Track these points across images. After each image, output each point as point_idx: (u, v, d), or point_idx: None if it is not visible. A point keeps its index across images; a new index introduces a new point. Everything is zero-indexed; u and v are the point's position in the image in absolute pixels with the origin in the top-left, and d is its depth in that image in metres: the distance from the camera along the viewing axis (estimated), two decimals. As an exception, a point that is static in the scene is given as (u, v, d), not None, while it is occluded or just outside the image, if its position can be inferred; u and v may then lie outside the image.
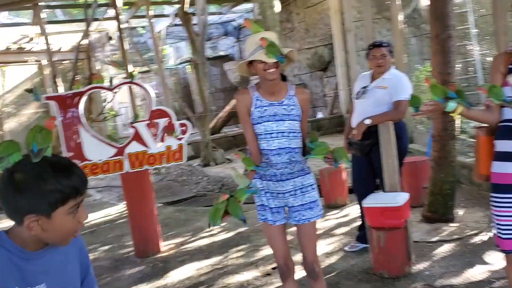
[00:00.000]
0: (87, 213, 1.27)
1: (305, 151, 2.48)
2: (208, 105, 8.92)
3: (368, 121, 3.50)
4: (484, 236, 3.79)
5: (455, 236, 3.85)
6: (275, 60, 2.27)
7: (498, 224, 2.33)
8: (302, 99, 2.47)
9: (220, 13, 12.59)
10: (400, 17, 6.78)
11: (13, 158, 1.20)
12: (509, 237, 2.30)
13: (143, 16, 9.91)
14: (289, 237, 2.78)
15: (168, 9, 12.03)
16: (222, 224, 2.34)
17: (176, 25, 12.74)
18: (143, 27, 14.03)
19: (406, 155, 3.85)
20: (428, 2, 4.32)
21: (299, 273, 3.03)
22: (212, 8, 12.30)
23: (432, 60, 4.15)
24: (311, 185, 2.53)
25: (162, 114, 4.41)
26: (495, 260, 3.35)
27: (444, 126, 4.06)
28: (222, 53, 15.41)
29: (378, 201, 3.40)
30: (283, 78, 2.47)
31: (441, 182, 4.14)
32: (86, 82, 7.03)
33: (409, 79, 3.78)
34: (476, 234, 3.84)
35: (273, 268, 3.87)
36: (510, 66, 2.32)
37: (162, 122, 4.39)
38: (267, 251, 4.29)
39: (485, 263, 3.37)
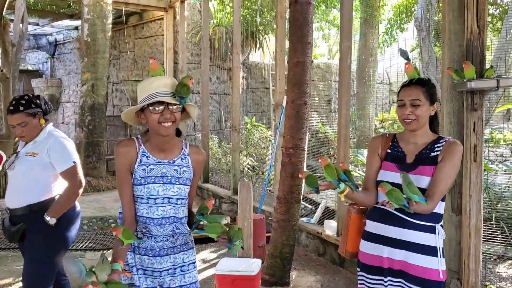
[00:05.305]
0: None
1: (193, 223, 2.07)
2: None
3: (52, 221, 2.73)
4: (320, 303, 3.87)
5: (294, 303, 3.84)
6: (179, 105, 1.91)
7: None
8: (197, 160, 2.08)
9: (36, 24, 11.19)
10: (240, 71, 6.94)
11: None
12: None
13: None
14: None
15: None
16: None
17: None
18: None
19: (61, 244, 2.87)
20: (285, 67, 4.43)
21: None
22: (29, 17, 10.85)
23: (285, 123, 4.17)
24: (193, 262, 2.13)
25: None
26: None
27: (291, 189, 4.07)
28: (30, 68, 13.69)
29: (232, 268, 3.17)
30: (178, 133, 2.08)
31: (282, 245, 4.10)
32: None
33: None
34: (312, 301, 3.90)
35: None
36: (389, 151, 2.39)
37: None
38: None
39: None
